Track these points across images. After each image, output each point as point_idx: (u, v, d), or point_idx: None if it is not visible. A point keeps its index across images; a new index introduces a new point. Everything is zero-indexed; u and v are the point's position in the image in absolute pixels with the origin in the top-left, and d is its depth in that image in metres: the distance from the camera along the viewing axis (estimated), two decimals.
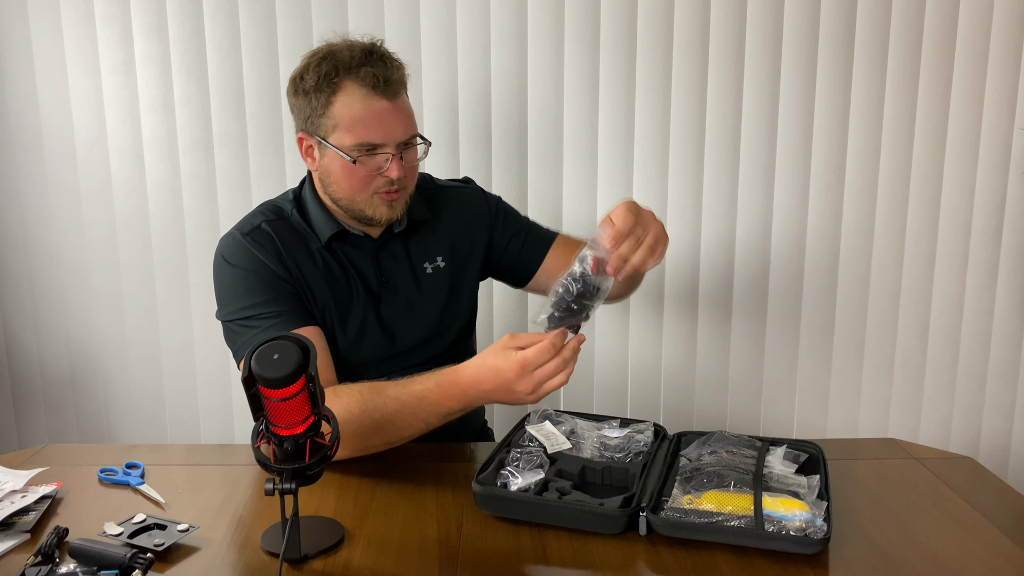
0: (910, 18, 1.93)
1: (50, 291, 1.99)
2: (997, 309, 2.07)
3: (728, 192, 1.99)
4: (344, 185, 1.32)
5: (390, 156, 1.30)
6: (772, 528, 1.01)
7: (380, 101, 1.29)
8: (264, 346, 0.92)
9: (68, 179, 1.94)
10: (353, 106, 1.28)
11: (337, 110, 1.28)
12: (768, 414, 2.12)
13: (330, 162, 1.31)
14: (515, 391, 1.12)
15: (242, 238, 1.33)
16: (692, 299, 2.04)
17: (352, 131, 1.28)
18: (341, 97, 1.28)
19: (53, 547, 0.99)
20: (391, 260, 1.42)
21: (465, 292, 1.50)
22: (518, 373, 1.11)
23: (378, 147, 1.29)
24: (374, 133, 1.29)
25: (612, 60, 1.92)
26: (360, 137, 1.28)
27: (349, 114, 1.28)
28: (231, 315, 1.31)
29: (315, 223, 1.38)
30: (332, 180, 1.33)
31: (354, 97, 1.28)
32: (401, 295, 1.41)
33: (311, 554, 1.01)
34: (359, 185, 1.31)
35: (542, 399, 1.14)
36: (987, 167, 2.01)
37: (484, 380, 1.14)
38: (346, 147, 1.29)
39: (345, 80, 1.28)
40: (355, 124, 1.28)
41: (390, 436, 1.20)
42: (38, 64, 1.89)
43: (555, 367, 1.11)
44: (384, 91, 1.28)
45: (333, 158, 1.31)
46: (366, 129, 1.28)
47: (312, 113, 1.30)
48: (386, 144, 1.29)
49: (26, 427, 2.06)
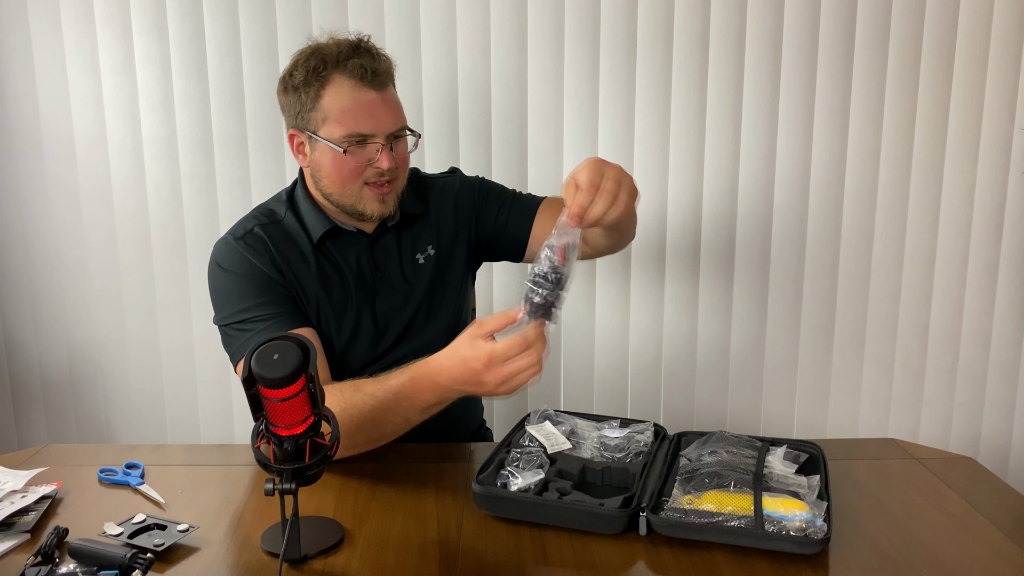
0: (910, 18, 1.93)
1: (50, 291, 1.99)
2: (997, 309, 2.07)
3: (728, 192, 1.99)
4: (335, 177, 1.32)
5: (380, 146, 1.30)
6: (772, 528, 1.01)
7: (368, 92, 1.29)
8: (264, 346, 0.92)
9: (68, 179, 1.94)
10: (342, 98, 1.28)
11: (326, 103, 1.29)
12: (768, 414, 2.12)
13: (321, 155, 1.32)
14: (484, 382, 1.08)
15: (235, 243, 1.33)
16: (692, 299, 2.04)
17: (342, 122, 1.29)
18: (330, 90, 1.29)
19: (53, 547, 0.99)
20: (385, 255, 1.42)
21: (453, 276, 1.48)
22: (486, 364, 1.07)
23: (368, 138, 1.30)
24: (363, 124, 1.29)
25: (612, 60, 1.92)
26: (350, 128, 1.29)
27: (338, 106, 1.28)
28: (226, 319, 1.31)
29: (307, 221, 1.38)
30: (323, 174, 1.33)
31: (343, 89, 1.29)
32: (396, 289, 1.41)
33: (311, 554, 1.01)
34: (349, 176, 1.31)
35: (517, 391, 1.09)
36: (987, 167, 2.01)
37: (454, 370, 1.11)
38: (336, 139, 1.29)
39: (333, 73, 1.29)
40: (344, 115, 1.29)
41: (372, 434, 1.19)
42: (38, 64, 1.89)
43: (527, 361, 1.06)
44: (372, 82, 1.29)
45: (324, 151, 1.31)
46: (355, 120, 1.29)
47: (302, 108, 1.31)
48: (376, 135, 1.30)
49: (26, 427, 2.06)
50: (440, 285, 1.46)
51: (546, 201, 1.51)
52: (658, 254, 2.01)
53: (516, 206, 1.51)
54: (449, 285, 1.47)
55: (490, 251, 1.55)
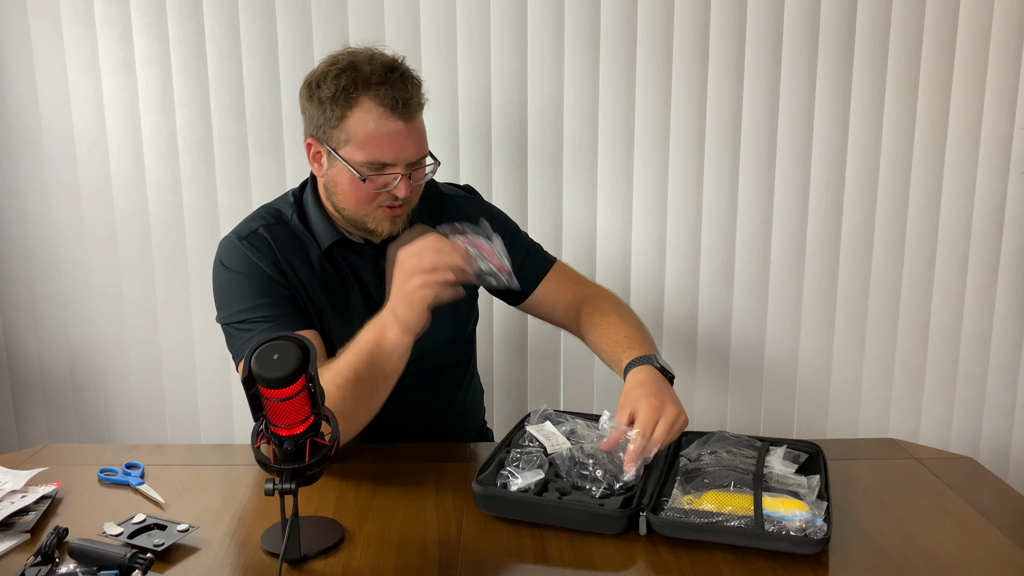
0: (910, 18, 1.93)
1: (50, 291, 1.99)
2: (997, 309, 2.07)
3: (728, 192, 1.99)
4: (350, 198, 1.31)
5: (399, 176, 1.29)
6: (772, 528, 1.01)
7: (396, 122, 1.27)
8: (264, 346, 0.92)
9: (68, 179, 1.94)
10: (368, 124, 1.26)
11: (351, 125, 1.27)
12: (768, 414, 2.12)
13: (338, 173, 1.31)
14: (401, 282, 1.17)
15: (239, 242, 1.33)
16: (692, 299, 2.04)
17: (364, 148, 1.27)
18: (357, 113, 1.26)
19: (53, 547, 0.99)
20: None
21: (462, 301, 1.49)
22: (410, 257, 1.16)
23: (388, 166, 1.29)
24: (386, 153, 1.27)
25: (612, 60, 1.92)
26: (371, 156, 1.27)
27: (363, 131, 1.26)
28: (228, 319, 1.31)
29: (316, 229, 1.37)
30: (338, 191, 1.32)
31: (370, 115, 1.26)
32: None
33: (311, 554, 1.01)
34: (364, 199, 1.31)
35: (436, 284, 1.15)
36: (987, 167, 2.01)
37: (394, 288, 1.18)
38: (356, 163, 1.28)
39: (363, 96, 1.26)
40: (368, 142, 1.27)
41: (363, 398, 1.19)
42: (38, 64, 1.89)
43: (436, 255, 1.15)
44: (401, 113, 1.27)
45: (341, 170, 1.30)
46: (379, 148, 1.27)
47: (325, 123, 1.29)
48: (396, 164, 1.29)
49: (26, 427, 2.06)
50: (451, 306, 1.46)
51: (557, 266, 1.55)
52: (658, 254, 2.01)
53: (531, 259, 1.53)
54: (458, 306, 1.47)
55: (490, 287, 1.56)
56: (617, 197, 1.98)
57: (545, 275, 1.52)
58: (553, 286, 1.52)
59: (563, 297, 1.52)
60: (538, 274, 1.52)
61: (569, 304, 1.51)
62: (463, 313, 1.51)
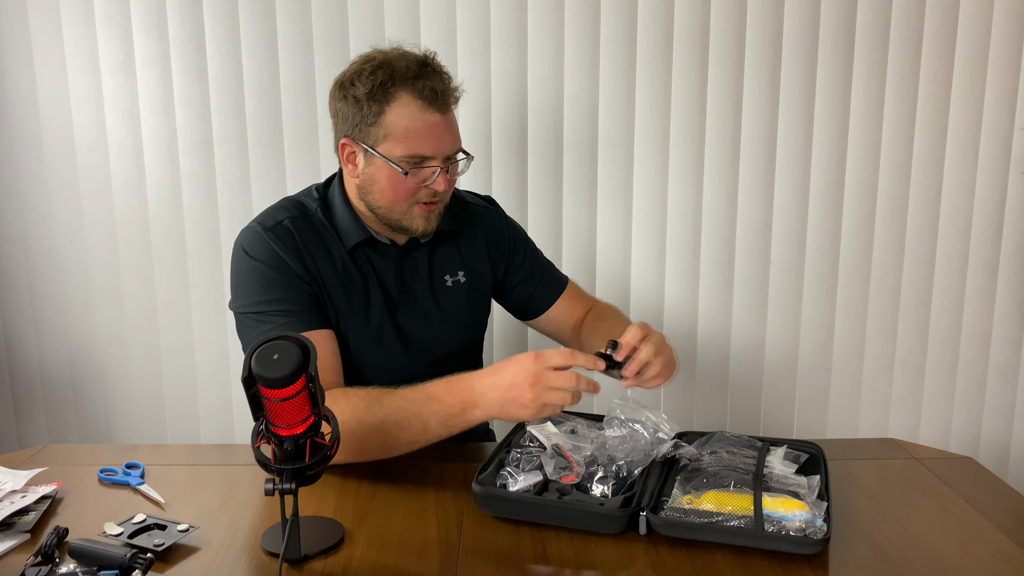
0: (910, 18, 1.93)
1: (50, 291, 1.99)
2: (997, 309, 2.07)
3: (728, 192, 1.99)
4: (388, 195, 1.31)
5: (437, 169, 1.30)
6: (772, 528, 1.01)
7: (434, 114, 1.28)
8: (264, 346, 0.92)
9: (68, 179, 1.94)
10: (406, 117, 1.27)
11: (390, 120, 1.27)
12: (768, 414, 2.12)
13: (376, 171, 1.31)
14: (519, 387, 1.11)
15: (264, 233, 1.32)
16: (692, 299, 2.04)
17: (404, 142, 1.27)
18: (395, 108, 1.27)
19: (53, 547, 0.99)
20: (413, 269, 1.42)
21: (479, 310, 1.52)
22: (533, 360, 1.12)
23: (427, 159, 1.29)
24: (426, 146, 1.28)
25: (612, 60, 1.92)
26: (412, 149, 1.28)
27: (402, 125, 1.27)
28: (245, 307, 1.30)
29: (341, 227, 1.37)
30: (376, 189, 1.32)
31: (408, 109, 1.27)
32: (419, 304, 1.42)
33: (311, 554, 1.01)
34: (404, 195, 1.31)
35: (541, 413, 1.13)
36: (987, 167, 2.01)
37: (499, 379, 1.14)
38: (396, 157, 1.28)
39: (400, 91, 1.26)
40: (407, 136, 1.27)
41: (388, 439, 1.18)
42: (38, 64, 1.89)
43: (564, 379, 1.11)
44: (439, 105, 1.28)
45: (380, 167, 1.30)
46: (419, 141, 1.27)
47: (361, 121, 1.29)
48: (435, 157, 1.29)
49: (26, 427, 2.06)
50: (470, 313, 1.49)
51: (570, 288, 1.59)
52: (658, 254, 2.01)
53: (546, 278, 1.57)
54: (476, 313, 1.51)
55: (501, 299, 1.59)
56: (617, 197, 1.98)
57: (560, 295, 1.57)
58: (566, 305, 1.57)
59: (573, 316, 1.56)
60: (553, 293, 1.56)
61: (577, 322, 1.56)
62: (479, 322, 1.53)
